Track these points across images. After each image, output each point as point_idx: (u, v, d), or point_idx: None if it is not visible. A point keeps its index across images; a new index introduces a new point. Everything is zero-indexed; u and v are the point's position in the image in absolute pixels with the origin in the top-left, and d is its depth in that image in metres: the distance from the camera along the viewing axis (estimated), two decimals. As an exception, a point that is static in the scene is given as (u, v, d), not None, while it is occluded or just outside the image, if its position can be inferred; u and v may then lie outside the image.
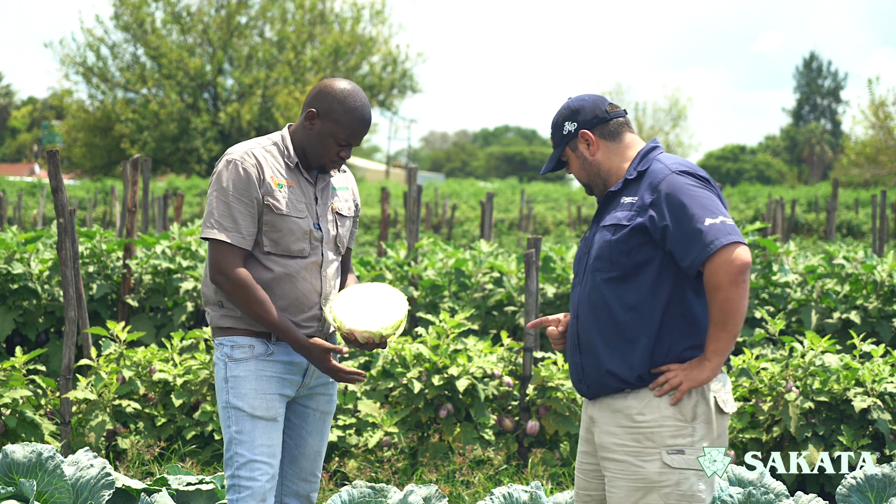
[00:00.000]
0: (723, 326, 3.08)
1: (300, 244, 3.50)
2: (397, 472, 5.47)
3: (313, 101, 3.50)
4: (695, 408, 3.16)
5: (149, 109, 34.38)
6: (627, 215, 3.20)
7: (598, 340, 3.24)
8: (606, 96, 3.57)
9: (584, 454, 3.40)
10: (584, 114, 3.32)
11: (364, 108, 3.50)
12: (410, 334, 6.81)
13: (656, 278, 3.17)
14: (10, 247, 6.62)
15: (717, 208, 3.12)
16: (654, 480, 3.15)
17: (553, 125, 3.39)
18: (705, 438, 3.17)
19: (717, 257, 3.05)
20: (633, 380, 3.18)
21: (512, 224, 27.83)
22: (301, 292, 3.50)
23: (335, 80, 3.53)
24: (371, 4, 38.46)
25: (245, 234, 3.42)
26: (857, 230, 25.72)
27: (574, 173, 3.38)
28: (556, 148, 3.39)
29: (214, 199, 3.43)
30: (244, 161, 3.44)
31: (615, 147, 3.33)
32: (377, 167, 60.64)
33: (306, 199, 3.53)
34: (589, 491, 3.40)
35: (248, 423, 3.46)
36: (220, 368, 3.50)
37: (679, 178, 3.16)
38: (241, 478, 3.45)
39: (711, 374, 3.12)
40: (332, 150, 3.51)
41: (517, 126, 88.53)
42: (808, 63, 65.41)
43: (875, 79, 34.32)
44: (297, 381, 3.56)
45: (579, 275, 3.36)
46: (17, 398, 5.30)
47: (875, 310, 7.05)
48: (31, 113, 59.59)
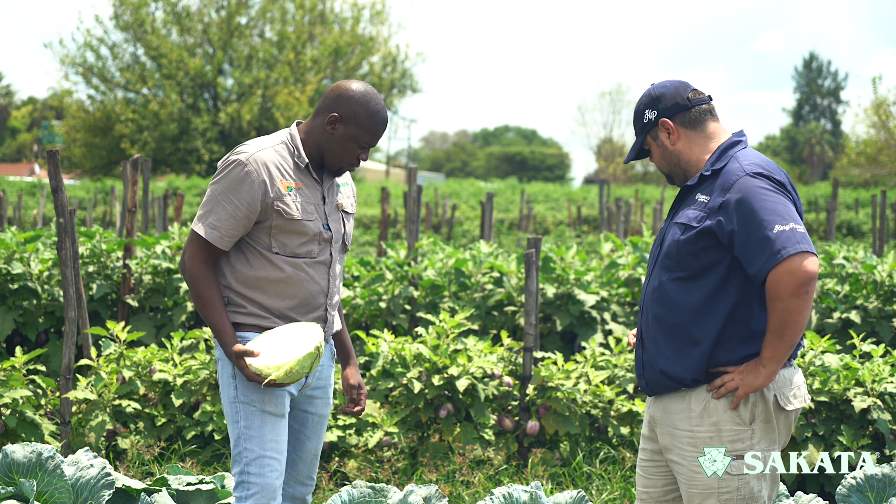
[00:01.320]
0: (780, 335, 3.02)
1: (309, 246, 3.50)
2: (397, 472, 5.47)
3: (334, 106, 3.48)
4: (753, 409, 3.12)
5: (149, 109, 34.39)
6: (697, 216, 3.12)
7: (658, 338, 3.20)
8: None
9: (645, 451, 3.37)
10: (664, 101, 3.23)
11: (384, 110, 3.52)
12: (410, 334, 6.81)
13: (722, 282, 3.10)
14: (9, 247, 6.62)
15: (788, 214, 3.01)
16: (713, 487, 3.13)
17: (635, 112, 3.31)
18: (764, 439, 3.13)
19: (782, 267, 2.96)
20: (688, 381, 3.14)
21: (512, 224, 27.83)
22: (309, 293, 3.50)
23: (351, 82, 3.51)
24: (371, 4, 38.48)
25: (224, 234, 3.42)
26: (857, 230, 25.72)
27: (655, 162, 3.31)
28: (637, 136, 3.30)
29: (208, 193, 3.46)
30: (249, 164, 3.42)
31: (697, 137, 3.23)
32: (377, 167, 60.62)
33: (314, 200, 3.53)
34: (647, 489, 3.37)
35: (258, 418, 3.45)
36: (227, 364, 3.49)
37: (752, 182, 3.06)
38: (250, 474, 3.43)
39: (766, 380, 3.06)
40: (353, 154, 3.51)
41: (517, 126, 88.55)
42: (807, 63, 65.44)
43: (878, 78, 34.30)
44: (301, 381, 3.56)
45: (650, 268, 3.30)
46: (17, 398, 5.30)
47: (875, 310, 7.05)
48: (31, 113, 59.60)
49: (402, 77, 39.88)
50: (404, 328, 7.17)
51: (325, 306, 3.56)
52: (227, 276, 3.48)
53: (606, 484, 5.41)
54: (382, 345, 5.87)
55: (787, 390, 3.15)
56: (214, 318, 3.43)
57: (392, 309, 7.11)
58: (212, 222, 3.42)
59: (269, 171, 3.43)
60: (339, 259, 3.61)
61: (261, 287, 3.46)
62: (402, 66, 39.61)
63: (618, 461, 5.66)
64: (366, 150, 3.52)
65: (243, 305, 3.47)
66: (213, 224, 3.42)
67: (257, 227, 3.46)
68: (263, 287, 3.46)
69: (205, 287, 3.43)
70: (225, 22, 36.00)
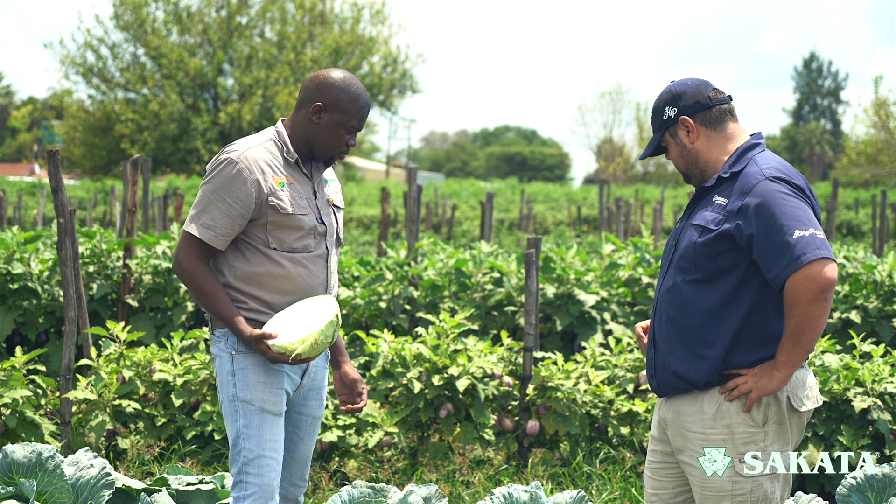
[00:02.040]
0: (797, 340, 3.01)
1: (306, 240, 3.51)
2: (397, 472, 5.47)
3: (316, 95, 3.51)
4: (766, 411, 3.11)
5: (149, 109, 34.38)
6: (715, 218, 3.11)
7: (672, 340, 3.19)
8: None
9: (654, 453, 3.36)
10: (685, 99, 3.21)
11: (365, 92, 3.55)
12: (410, 334, 6.81)
13: (739, 286, 3.09)
14: (10, 247, 6.62)
15: (808, 219, 3.00)
16: (726, 489, 3.12)
17: (654, 109, 3.28)
18: (777, 441, 3.12)
19: (802, 272, 2.95)
20: (701, 384, 3.13)
21: (512, 224, 27.82)
22: (310, 287, 3.52)
23: (329, 70, 3.54)
24: (371, 5, 38.46)
25: (219, 233, 3.43)
26: (857, 230, 25.72)
27: (672, 160, 3.29)
28: (655, 133, 3.27)
29: (200, 194, 3.47)
30: (241, 162, 3.43)
31: (716, 136, 3.22)
32: (377, 167, 60.62)
33: (306, 194, 3.55)
34: (657, 490, 3.36)
35: (257, 417, 3.45)
36: (226, 361, 3.49)
37: (771, 186, 3.05)
38: (248, 474, 3.43)
39: (780, 384, 3.06)
40: (341, 140, 3.53)
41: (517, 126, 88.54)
42: (807, 63, 65.44)
43: (879, 77, 34.30)
44: (297, 381, 3.57)
45: (664, 268, 3.28)
46: (18, 398, 5.30)
47: (875, 310, 7.05)
48: (31, 113, 59.59)
49: (402, 77, 39.85)
50: (404, 328, 7.17)
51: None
52: (226, 274, 3.48)
53: (606, 484, 5.41)
54: (382, 345, 5.87)
55: (801, 392, 3.15)
56: (223, 310, 3.43)
57: (392, 309, 7.11)
58: (206, 222, 3.42)
59: (260, 168, 3.44)
60: (335, 252, 3.63)
61: (261, 283, 3.47)
62: (403, 67, 39.59)
63: (618, 461, 5.66)
64: (353, 135, 3.54)
65: (244, 301, 3.48)
66: (206, 223, 3.42)
67: (253, 224, 3.46)
68: (264, 283, 3.47)
69: (205, 282, 3.43)
70: (225, 22, 35.98)
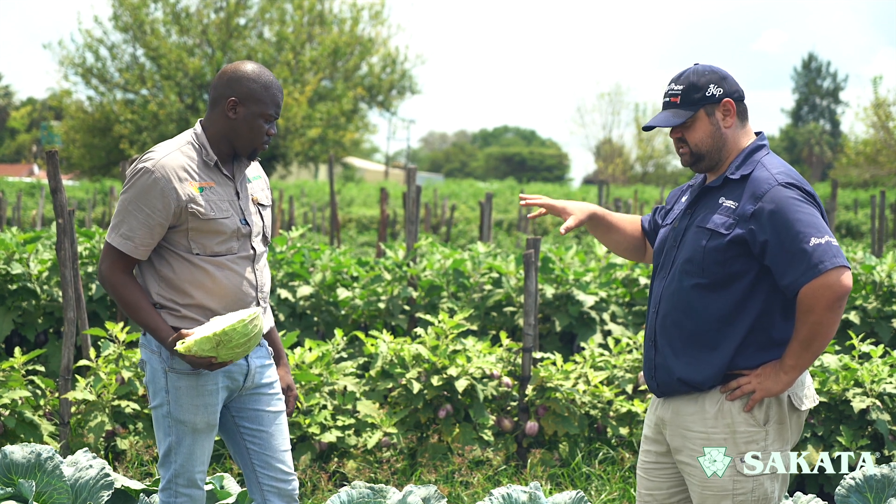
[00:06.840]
0: (807, 346, 3.02)
1: (229, 243, 3.51)
2: (396, 472, 5.47)
3: (229, 90, 3.49)
4: (767, 410, 3.12)
5: (148, 110, 34.35)
6: (726, 222, 3.10)
7: (675, 344, 3.18)
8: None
9: (648, 453, 3.35)
10: (729, 83, 3.20)
11: (275, 80, 3.55)
12: (409, 335, 6.81)
13: (748, 292, 3.09)
14: (9, 247, 6.62)
15: (822, 227, 3.01)
16: (727, 489, 3.12)
17: (692, 84, 3.19)
18: (778, 440, 3.13)
19: (820, 280, 2.95)
20: (704, 387, 3.14)
21: (511, 225, 27.83)
22: (238, 288, 3.52)
23: (238, 64, 3.54)
24: (370, 5, 38.45)
25: (139, 243, 3.43)
26: (856, 230, 25.74)
27: (695, 139, 3.20)
28: (685, 106, 3.19)
29: (119, 203, 3.47)
30: (157, 171, 3.41)
31: (741, 129, 3.22)
32: (376, 168, 60.63)
33: (228, 197, 3.53)
34: (651, 490, 3.35)
35: (189, 437, 3.51)
36: (160, 376, 3.50)
37: (784, 192, 3.04)
38: (178, 485, 3.54)
39: (785, 387, 3.07)
40: (261, 131, 3.52)
41: (516, 126, 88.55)
42: (806, 63, 65.45)
43: (879, 78, 34.32)
44: (238, 385, 3.58)
45: (664, 268, 3.26)
46: (17, 399, 5.30)
47: (874, 310, 7.05)
48: (31, 113, 59.55)
49: (401, 78, 39.85)
50: (403, 329, 7.17)
51: (256, 299, 3.58)
52: (155, 283, 3.49)
53: (605, 484, 5.41)
54: (381, 345, 5.87)
55: (801, 391, 3.16)
56: (147, 319, 3.43)
57: (391, 309, 7.11)
58: (125, 232, 3.43)
59: (177, 175, 3.43)
60: (264, 252, 3.63)
61: (188, 289, 3.47)
62: (402, 68, 39.59)
63: (617, 462, 5.66)
64: (273, 124, 3.53)
65: (177, 309, 3.48)
66: (125, 234, 3.43)
67: (174, 231, 3.46)
68: (191, 289, 3.47)
69: (128, 292, 3.45)
70: (224, 23, 35.97)
